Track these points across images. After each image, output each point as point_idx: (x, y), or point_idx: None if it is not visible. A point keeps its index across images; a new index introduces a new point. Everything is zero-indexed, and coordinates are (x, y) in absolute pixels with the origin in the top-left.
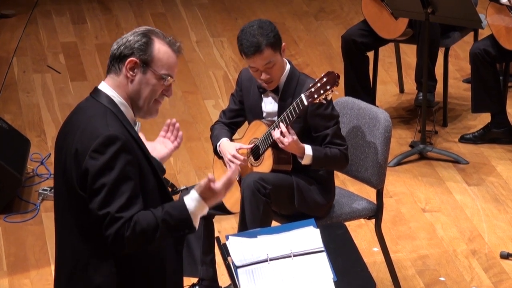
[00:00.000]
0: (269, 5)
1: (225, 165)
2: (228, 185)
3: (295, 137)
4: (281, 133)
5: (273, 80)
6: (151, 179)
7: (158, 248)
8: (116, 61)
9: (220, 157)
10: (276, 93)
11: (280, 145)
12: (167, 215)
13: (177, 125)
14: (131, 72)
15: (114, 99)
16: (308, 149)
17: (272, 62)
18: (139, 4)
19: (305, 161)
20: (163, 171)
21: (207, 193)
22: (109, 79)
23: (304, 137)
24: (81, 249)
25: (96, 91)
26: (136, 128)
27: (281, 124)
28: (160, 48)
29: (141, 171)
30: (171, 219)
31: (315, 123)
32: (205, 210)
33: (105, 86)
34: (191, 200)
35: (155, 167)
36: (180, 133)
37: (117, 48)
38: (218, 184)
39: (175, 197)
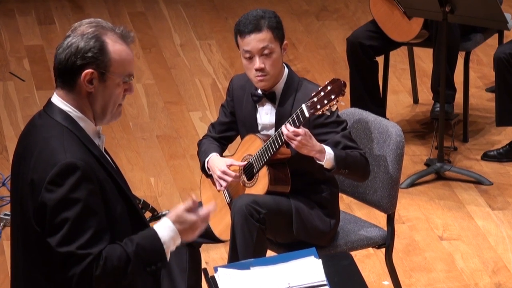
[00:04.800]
0: (264, 3)
1: (214, 184)
2: (205, 218)
3: (308, 132)
4: (290, 133)
5: (268, 74)
6: (118, 203)
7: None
8: (67, 73)
9: (209, 176)
10: (273, 102)
11: (293, 145)
12: (139, 248)
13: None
14: (89, 86)
15: (71, 114)
16: (328, 148)
17: (270, 48)
18: (115, 2)
19: (327, 162)
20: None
21: (182, 219)
22: (60, 91)
23: None
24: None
25: (49, 105)
26: (100, 143)
27: (287, 125)
28: (114, 48)
29: (106, 196)
30: (143, 251)
31: (319, 132)
32: (177, 241)
33: (57, 99)
34: (163, 229)
35: (123, 189)
36: None
37: (66, 58)
38: (194, 215)
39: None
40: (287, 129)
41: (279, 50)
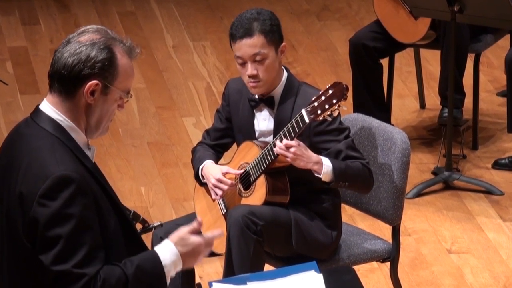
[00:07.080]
0: (262, 2)
1: (209, 193)
2: (210, 243)
3: (302, 144)
4: (282, 146)
5: (261, 80)
6: (111, 217)
7: None
8: (70, 80)
9: (203, 184)
10: (271, 107)
11: (288, 158)
12: (138, 270)
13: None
14: (91, 97)
15: (61, 124)
16: (326, 160)
17: (262, 54)
18: (103, 1)
19: (326, 175)
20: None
21: (185, 241)
22: (55, 98)
23: None
24: None
25: (37, 113)
26: (91, 154)
27: (283, 140)
28: (121, 62)
29: (100, 210)
30: (143, 274)
31: (321, 140)
32: (179, 267)
33: (48, 107)
34: (164, 251)
35: (116, 202)
36: None
37: (73, 64)
38: (199, 238)
39: (148, 236)
40: (280, 143)
41: (273, 55)
